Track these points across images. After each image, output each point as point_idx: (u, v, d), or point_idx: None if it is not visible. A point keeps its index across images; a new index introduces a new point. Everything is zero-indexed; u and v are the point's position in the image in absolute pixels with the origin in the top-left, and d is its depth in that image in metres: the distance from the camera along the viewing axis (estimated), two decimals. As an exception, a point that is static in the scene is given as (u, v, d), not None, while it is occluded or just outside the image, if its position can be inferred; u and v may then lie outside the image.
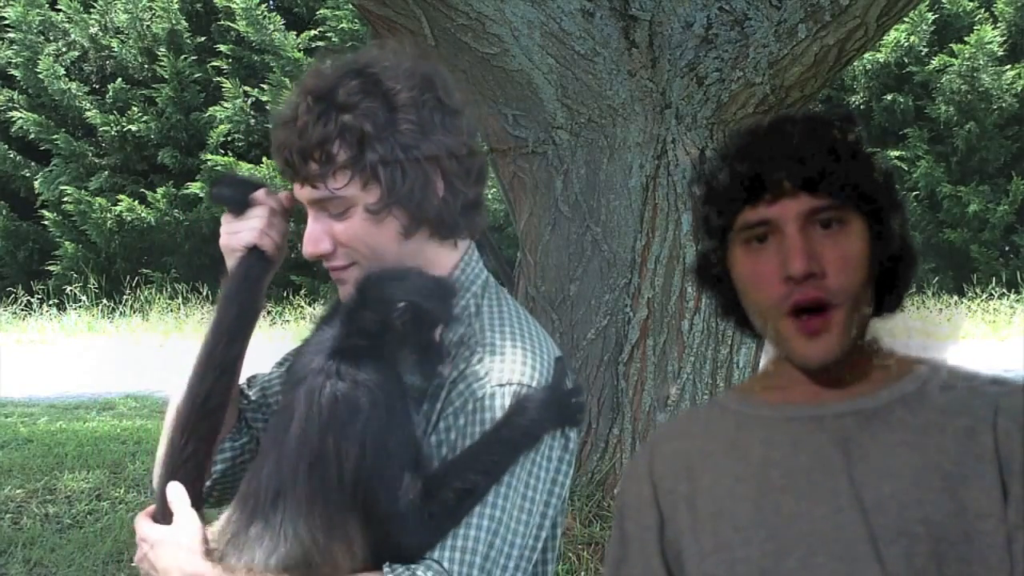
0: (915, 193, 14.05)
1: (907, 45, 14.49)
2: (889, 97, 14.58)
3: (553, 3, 3.94)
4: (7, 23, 15.76)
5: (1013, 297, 13.24)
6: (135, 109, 15.24)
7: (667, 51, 3.99)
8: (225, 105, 15.03)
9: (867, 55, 13.63)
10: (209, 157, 14.65)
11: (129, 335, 12.93)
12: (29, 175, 15.54)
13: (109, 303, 13.98)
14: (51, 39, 15.95)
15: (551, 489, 1.43)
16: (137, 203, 14.75)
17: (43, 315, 13.85)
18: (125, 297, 14.04)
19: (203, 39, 15.78)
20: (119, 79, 15.48)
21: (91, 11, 16.03)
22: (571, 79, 3.99)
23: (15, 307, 14.10)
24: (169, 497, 1.46)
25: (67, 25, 15.96)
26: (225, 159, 14.55)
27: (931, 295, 13.13)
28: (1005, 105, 14.29)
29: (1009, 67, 14.36)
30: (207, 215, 14.19)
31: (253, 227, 1.53)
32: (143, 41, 15.71)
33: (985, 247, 14.04)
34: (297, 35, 15.40)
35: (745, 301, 1.28)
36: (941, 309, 12.85)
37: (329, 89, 1.43)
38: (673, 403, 3.98)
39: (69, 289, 14.09)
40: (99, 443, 6.34)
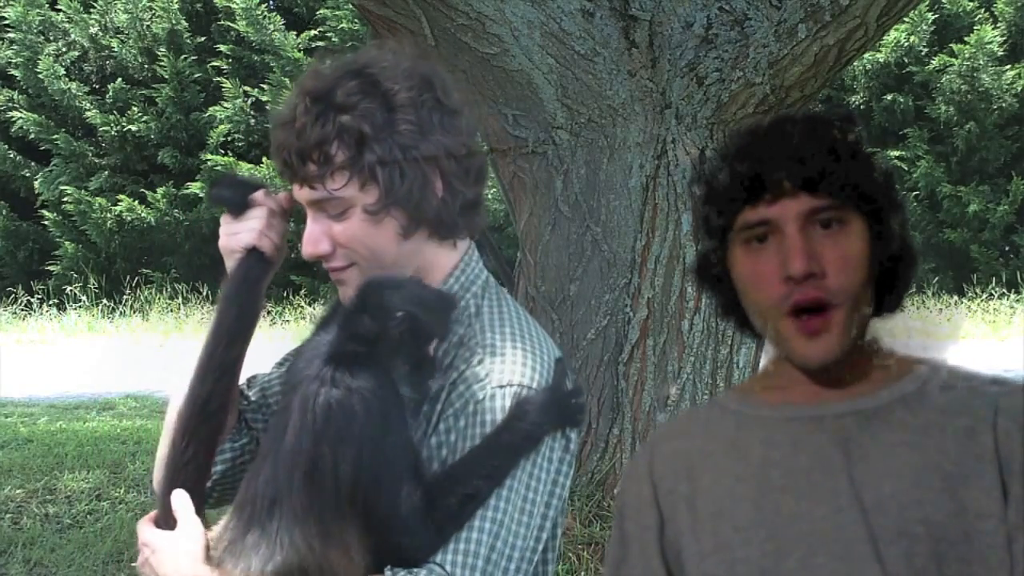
0: (915, 193, 14.05)
1: (907, 45, 14.48)
2: (889, 97, 14.58)
3: (553, 3, 3.94)
4: (7, 23, 15.76)
5: (1013, 297, 13.24)
6: (135, 109, 15.24)
7: (667, 51, 3.99)
8: (225, 105, 15.03)
9: (867, 55, 13.63)
10: (209, 157, 14.65)
11: (129, 335, 12.93)
12: (29, 175, 15.54)
13: (109, 303, 13.98)
14: (51, 39, 15.95)
15: (552, 490, 1.43)
16: (137, 203, 14.75)
17: (43, 315, 13.85)
18: (125, 297, 14.03)
19: (203, 39, 15.78)
20: (119, 79, 15.48)
21: (91, 11, 16.03)
22: (571, 79, 3.99)
23: (15, 307, 14.10)
24: (174, 504, 1.46)
25: (67, 25, 15.96)
26: (225, 159, 14.55)
27: (931, 295, 13.13)
28: (1005, 105, 14.29)
29: (1009, 67, 14.36)
30: (207, 215, 14.19)
31: (252, 228, 1.52)
32: (143, 41, 15.71)
33: (985, 247, 14.04)
34: (297, 35, 15.40)
35: (745, 301, 1.28)
36: (941, 309, 12.85)
37: (327, 90, 1.43)
38: (673, 403, 3.98)
39: (69, 289, 14.08)
40: (99, 443, 6.34)
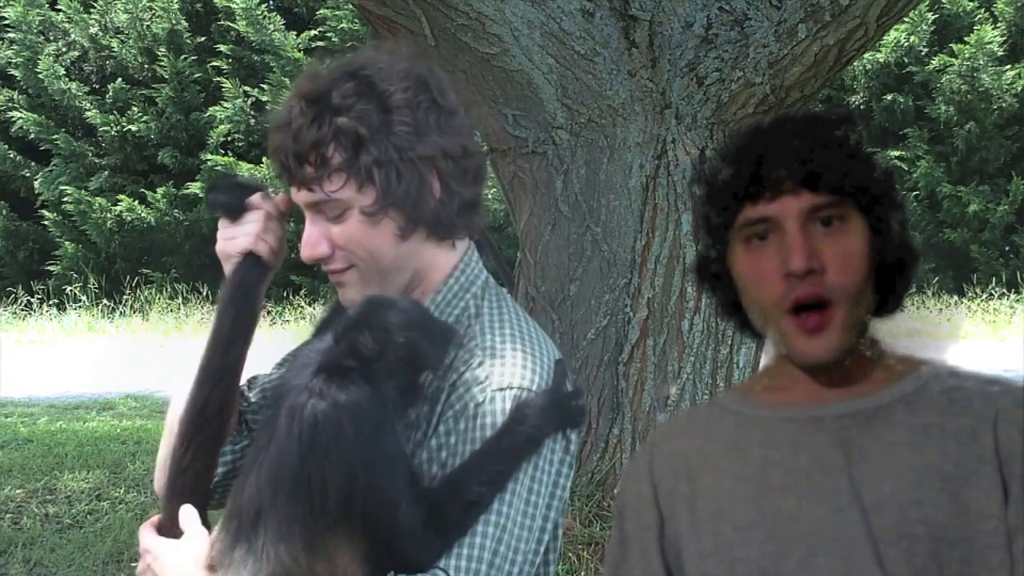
0: (915, 193, 14.05)
1: (907, 45, 14.49)
2: (889, 97, 14.58)
3: (553, 3, 3.94)
4: (7, 23, 15.76)
5: (1013, 297, 13.24)
6: (135, 109, 15.24)
7: (667, 51, 3.99)
8: (225, 105, 15.04)
9: (867, 55, 13.63)
10: (209, 157, 14.66)
11: (129, 335, 12.94)
12: (29, 175, 15.54)
13: (109, 303, 13.99)
14: (51, 39, 15.95)
15: (553, 492, 1.43)
16: (137, 203, 14.76)
17: (43, 315, 13.85)
18: (125, 297, 14.04)
19: (203, 39, 15.78)
20: (119, 79, 15.48)
21: (91, 11, 16.03)
22: (571, 79, 3.99)
23: (15, 307, 14.11)
24: (181, 519, 1.47)
25: (67, 25, 15.96)
26: (225, 159, 14.55)
27: (931, 295, 13.14)
28: (1005, 105, 14.29)
29: (1009, 67, 14.36)
30: (207, 215, 14.18)
31: (248, 232, 1.52)
32: (143, 41, 15.71)
33: (985, 247, 14.04)
34: (297, 35, 15.40)
35: (745, 299, 1.28)
36: (941, 309, 12.85)
37: (323, 92, 1.43)
38: (673, 403, 3.98)
39: (69, 289, 14.09)
40: (99, 443, 6.34)
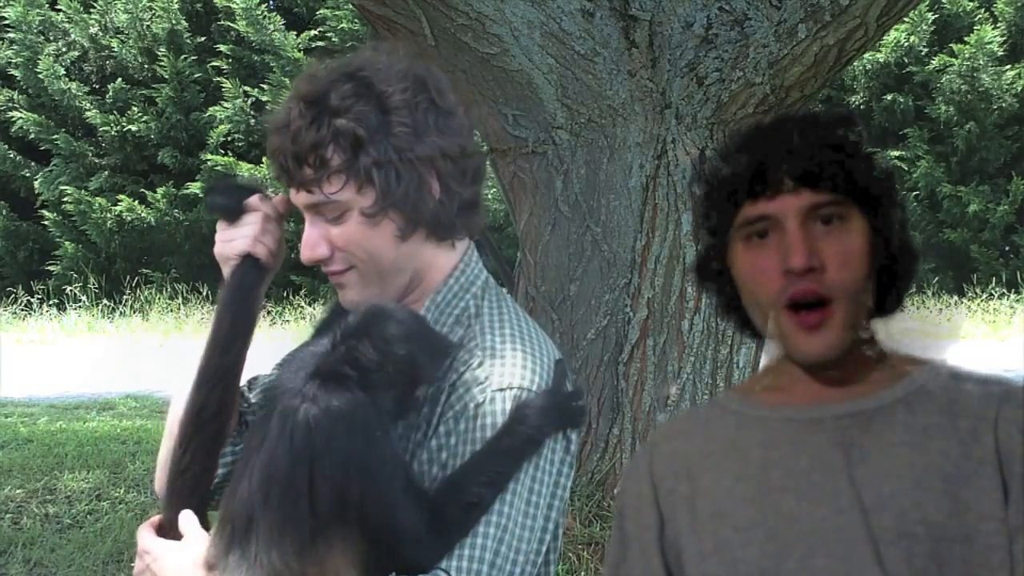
0: (915, 193, 14.06)
1: (907, 45, 14.49)
2: (889, 97, 14.59)
3: (553, 3, 3.94)
4: (7, 23, 15.76)
5: (1013, 297, 13.25)
6: (135, 109, 15.24)
7: (667, 51, 3.99)
8: (225, 105, 15.04)
9: (867, 55, 13.64)
10: (209, 157, 14.66)
11: (129, 335, 12.94)
12: (29, 175, 15.54)
13: (109, 303, 13.99)
14: (51, 39, 15.95)
15: (554, 492, 1.43)
16: (137, 203, 14.76)
17: (43, 315, 13.85)
18: (125, 297, 14.04)
19: (203, 39, 15.79)
20: (119, 79, 15.49)
21: (91, 11, 16.03)
22: (571, 79, 3.99)
23: (15, 307, 14.11)
24: (181, 525, 1.46)
25: (67, 25, 15.96)
26: (225, 159, 14.55)
27: (931, 295, 13.14)
28: (1005, 105, 14.29)
29: (1009, 67, 14.36)
30: (207, 215, 14.18)
31: (246, 235, 1.52)
32: (143, 41, 15.71)
33: (985, 247, 14.04)
34: (297, 35, 15.40)
35: (745, 297, 1.28)
36: (941, 309, 12.85)
37: (321, 93, 1.43)
38: (673, 403, 3.98)
39: (69, 289, 14.09)
40: (99, 443, 6.34)
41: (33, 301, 14.09)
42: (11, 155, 15.58)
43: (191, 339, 11.46)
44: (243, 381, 1.59)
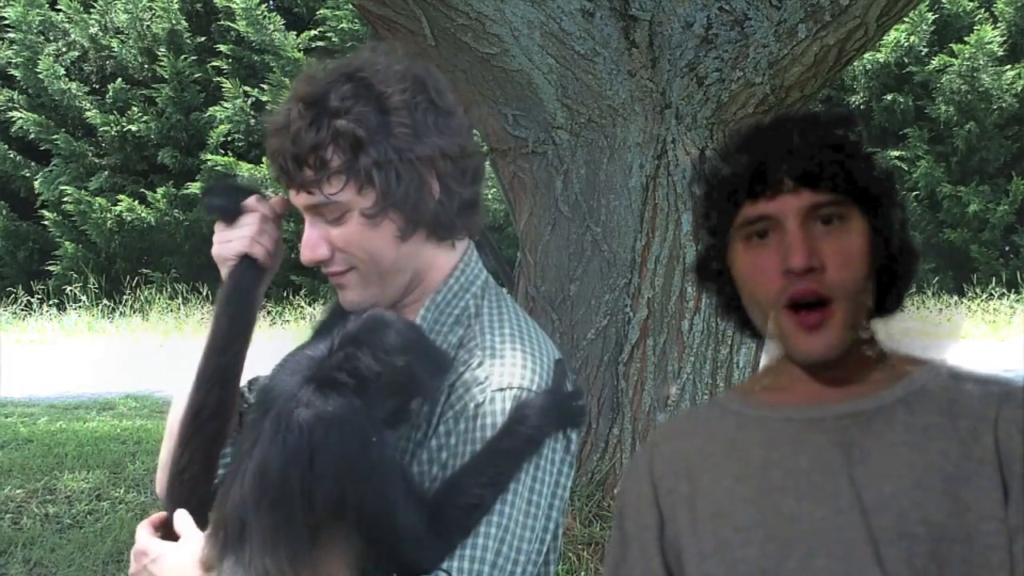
0: (915, 193, 14.05)
1: (907, 45, 14.49)
2: (889, 97, 14.59)
3: (553, 3, 3.94)
4: (7, 23, 15.76)
5: (1013, 297, 13.24)
6: (135, 109, 15.24)
7: (667, 51, 3.99)
8: (225, 105, 15.04)
9: (867, 55, 13.64)
10: (209, 157, 14.66)
11: (129, 335, 12.94)
12: (29, 175, 15.54)
13: (109, 303, 13.99)
14: (51, 39, 15.95)
15: (554, 491, 1.43)
16: (137, 203, 14.76)
17: (43, 315, 13.85)
18: (125, 297, 14.04)
19: (203, 39, 15.79)
20: (119, 79, 15.49)
21: (91, 11, 16.03)
22: (571, 79, 3.99)
23: (15, 307, 14.11)
24: (176, 525, 1.46)
25: (67, 25, 15.96)
26: (225, 159, 14.55)
27: (931, 295, 13.14)
28: (1005, 105, 14.29)
29: (1009, 67, 14.36)
30: (205, 216, 14.17)
31: (243, 236, 1.52)
32: (143, 41, 15.71)
33: (985, 247, 14.04)
34: (297, 35, 15.40)
35: (745, 297, 1.28)
36: (941, 309, 12.85)
37: (321, 94, 1.43)
38: (673, 403, 3.98)
39: (69, 289, 14.09)
40: (99, 443, 6.34)
41: (33, 301, 14.09)
42: (11, 155, 15.58)
43: (191, 339, 11.45)
44: (244, 381, 1.59)
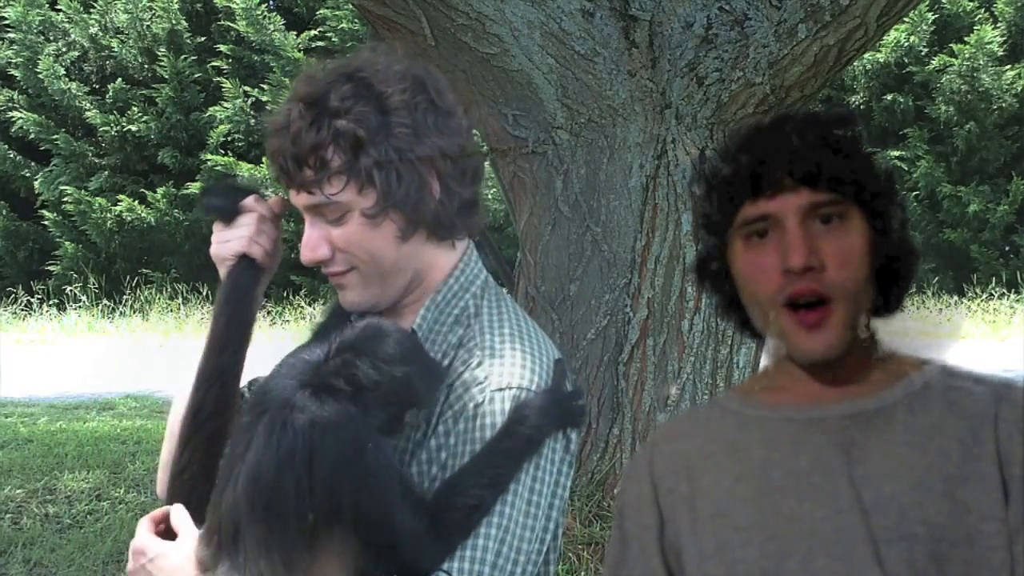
0: (915, 193, 14.06)
1: (907, 45, 14.49)
2: (889, 97, 14.59)
3: (553, 3, 3.94)
4: (7, 23, 15.76)
5: (1013, 297, 13.25)
6: (135, 109, 15.25)
7: (667, 51, 3.99)
8: (225, 105, 15.04)
9: (867, 55, 13.64)
10: (209, 157, 14.66)
11: (129, 335, 12.94)
12: (29, 175, 15.55)
13: (109, 303, 14.00)
14: (51, 39, 15.96)
15: (554, 491, 1.43)
16: (137, 203, 14.76)
17: (43, 315, 13.86)
18: (125, 297, 14.05)
19: (203, 39, 15.79)
20: (119, 79, 15.49)
21: (91, 11, 16.03)
22: (571, 79, 3.99)
23: (15, 307, 14.11)
24: (173, 519, 1.46)
25: (67, 25, 15.97)
26: (225, 159, 14.55)
27: (931, 295, 13.14)
28: (1005, 105, 14.29)
29: (1009, 67, 14.37)
30: (203, 216, 14.15)
31: (241, 236, 1.53)
32: (143, 41, 15.72)
33: (985, 247, 14.05)
34: (297, 35, 15.40)
35: (745, 297, 1.28)
36: (941, 309, 12.85)
37: (321, 94, 1.43)
38: (673, 403, 3.98)
39: (69, 289, 14.10)
40: (99, 443, 6.34)
41: (33, 301, 14.09)
42: (11, 155, 15.58)
43: (191, 339, 11.46)
44: (244, 382, 1.59)
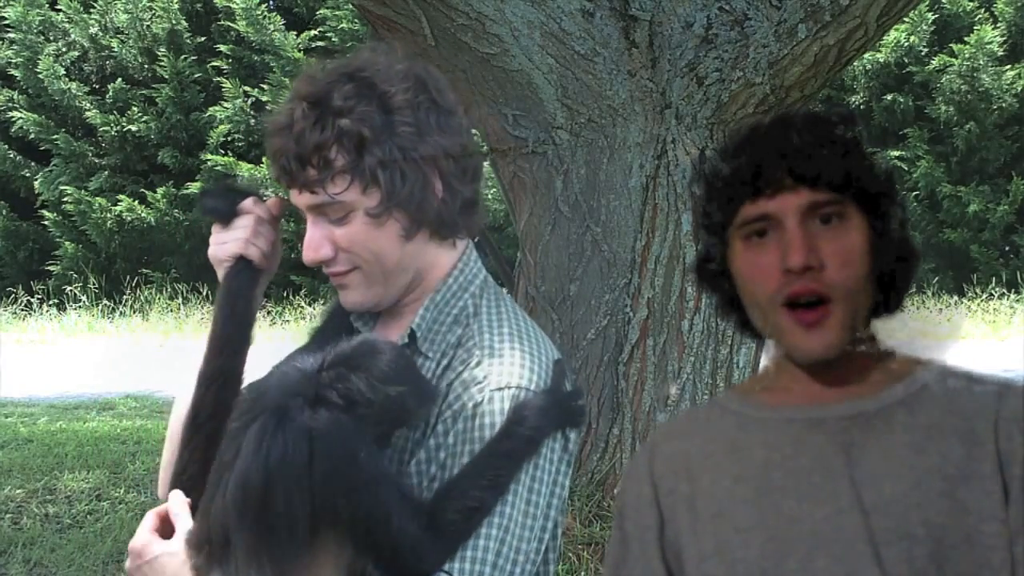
0: (915, 193, 14.05)
1: (907, 45, 14.49)
2: (889, 97, 14.59)
3: (553, 3, 3.94)
4: (7, 23, 15.76)
5: (1013, 297, 13.25)
6: (135, 109, 15.24)
7: (667, 51, 3.99)
8: (225, 105, 15.04)
9: (867, 55, 13.64)
10: (209, 157, 14.66)
11: (129, 335, 12.94)
12: (29, 175, 15.55)
13: (109, 303, 13.99)
14: (51, 39, 15.95)
15: (553, 490, 1.43)
16: (137, 203, 14.76)
17: (43, 315, 13.85)
18: (125, 297, 14.04)
19: (203, 39, 15.79)
20: (119, 79, 15.49)
21: (91, 11, 16.03)
22: (571, 79, 3.99)
23: (15, 307, 14.11)
24: (171, 509, 1.45)
25: (67, 25, 15.96)
26: (225, 159, 14.55)
27: (931, 295, 13.14)
28: (1005, 105, 14.29)
29: (1009, 67, 14.37)
30: (201, 218, 14.15)
31: (238, 237, 1.53)
32: (143, 41, 15.71)
33: (985, 247, 14.04)
34: (297, 35, 15.40)
35: (744, 296, 1.28)
36: (941, 309, 12.85)
37: (324, 94, 1.43)
38: (673, 403, 3.98)
39: (69, 289, 14.10)
40: (99, 443, 6.34)
41: (33, 301, 14.09)
42: (11, 155, 15.58)
43: (191, 339, 11.46)
44: (246, 383, 1.59)
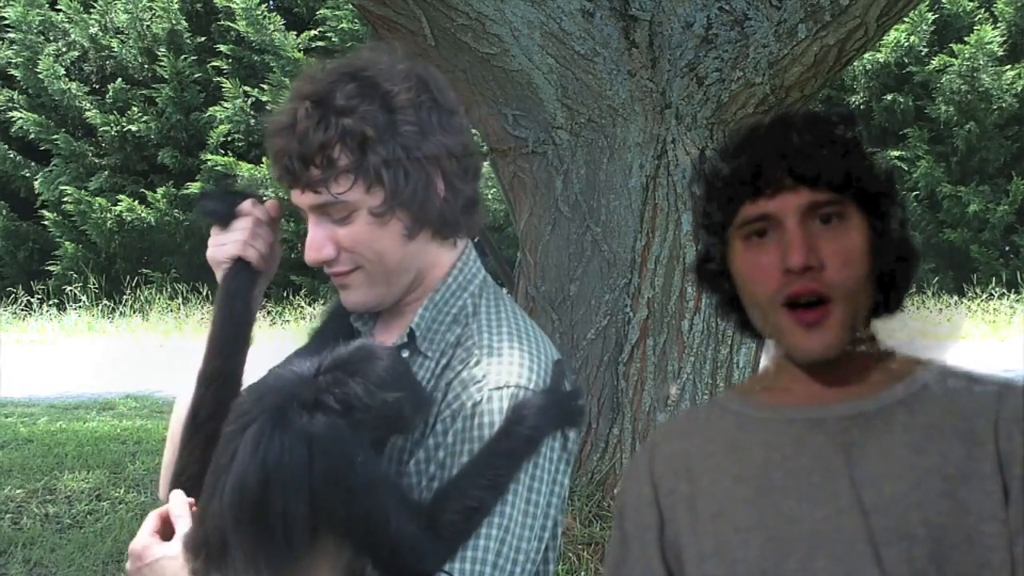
0: (915, 193, 14.05)
1: (907, 45, 14.49)
2: (889, 97, 14.59)
3: (553, 3, 3.94)
4: (7, 23, 15.76)
5: (1013, 297, 13.25)
6: (135, 109, 15.25)
7: (667, 51, 3.99)
8: (225, 105, 15.04)
9: (867, 55, 13.64)
10: (209, 157, 14.66)
11: (129, 335, 12.94)
12: (29, 175, 15.55)
13: (109, 303, 14.00)
14: (51, 39, 15.96)
15: (552, 490, 1.43)
16: (137, 203, 14.76)
17: (43, 315, 13.86)
18: (125, 297, 14.05)
19: (203, 39, 15.79)
20: (119, 79, 15.49)
21: (91, 11, 16.03)
22: (571, 79, 3.99)
23: (15, 307, 14.11)
24: (171, 509, 1.45)
25: (67, 25, 15.97)
26: (225, 159, 14.55)
27: (931, 295, 13.14)
28: (1005, 105, 14.29)
29: (1009, 67, 14.37)
30: (200, 220, 14.15)
31: (236, 239, 1.53)
32: (143, 41, 15.72)
33: (985, 247, 14.04)
34: (297, 35, 15.40)
35: (744, 296, 1.28)
36: (941, 309, 12.85)
37: (326, 93, 1.43)
38: (673, 403, 3.98)
39: (69, 289, 14.10)
40: (99, 443, 6.34)
41: (33, 301, 14.09)
42: (11, 155, 15.58)
43: (191, 339, 11.46)
44: (244, 384, 1.59)
